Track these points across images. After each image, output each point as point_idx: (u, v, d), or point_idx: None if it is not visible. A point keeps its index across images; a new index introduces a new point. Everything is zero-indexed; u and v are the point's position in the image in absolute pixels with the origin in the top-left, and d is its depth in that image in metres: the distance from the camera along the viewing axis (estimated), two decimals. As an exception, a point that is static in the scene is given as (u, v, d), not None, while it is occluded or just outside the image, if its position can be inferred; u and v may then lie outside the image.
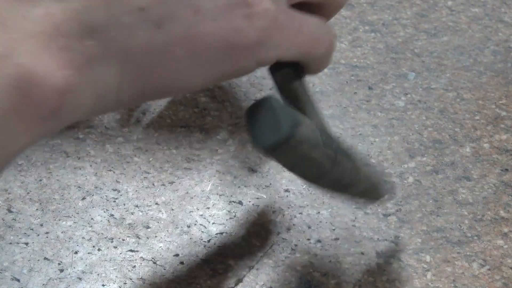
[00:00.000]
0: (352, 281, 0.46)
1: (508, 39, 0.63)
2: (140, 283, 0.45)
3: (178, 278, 0.46)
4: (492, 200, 0.51)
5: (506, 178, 0.52)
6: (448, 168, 0.53)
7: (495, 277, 0.46)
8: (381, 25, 0.64)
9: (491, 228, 0.49)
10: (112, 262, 0.46)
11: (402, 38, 0.63)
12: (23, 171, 0.51)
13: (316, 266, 0.46)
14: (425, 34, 0.63)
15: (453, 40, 0.63)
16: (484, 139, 0.55)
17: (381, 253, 0.48)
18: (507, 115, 0.57)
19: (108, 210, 0.49)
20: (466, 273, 0.47)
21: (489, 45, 0.63)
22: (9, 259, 0.46)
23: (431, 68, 0.60)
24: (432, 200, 0.51)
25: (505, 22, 0.65)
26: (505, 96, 0.59)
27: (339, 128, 0.55)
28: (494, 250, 0.48)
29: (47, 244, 0.47)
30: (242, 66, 0.36)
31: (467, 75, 0.60)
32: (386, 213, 0.50)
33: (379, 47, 0.62)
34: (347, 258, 0.47)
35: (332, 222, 0.49)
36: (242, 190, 0.51)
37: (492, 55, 0.62)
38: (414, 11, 0.66)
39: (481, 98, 0.58)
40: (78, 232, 0.48)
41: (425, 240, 0.48)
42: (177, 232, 0.48)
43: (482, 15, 0.66)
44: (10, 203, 0.49)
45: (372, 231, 0.49)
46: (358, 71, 0.60)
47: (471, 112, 0.57)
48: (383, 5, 0.66)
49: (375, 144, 0.54)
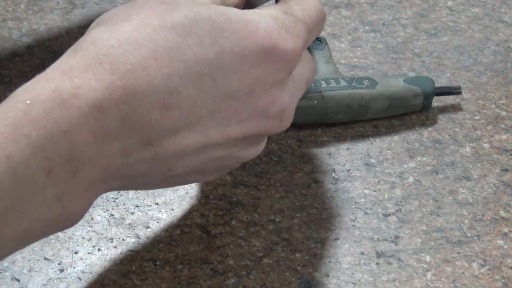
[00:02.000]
0: (352, 281, 0.46)
1: (508, 39, 0.63)
2: (140, 283, 0.45)
3: (178, 278, 0.46)
4: (492, 200, 0.51)
5: (506, 178, 0.52)
6: (448, 168, 0.53)
7: (495, 277, 0.46)
8: (381, 25, 0.64)
9: (491, 228, 0.49)
10: (112, 262, 0.46)
11: (402, 38, 0.63)
12: (23, 171, 0.51)
13: (316, 266, 0.46)
14: (425, 34, 0.63)
15: (453, 40, 0.63)
16: (484, 139, 0.55)
17: (380, 253, 0.48)
18: (507, 115, 0.57)
19: (108, 210, 0.49)
20: (466, 273, 0.47)
21: (489, 45, 0.63)
22: (9, 259, 0.46)
23: (431, 68, 0.60)
24: (432, 200, 0.51)
25: (505, 22, 0.65)
26: (505, 96, 0.58)
27: (339, 128, 0.55)
28: (494, 250, 0.48)
29: (47, 244, 0.47)
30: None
31: (467, 75, 0.60)
32: (386, 213, 0.50)
33: (379, 47, 0.62)
34: (347, 258, 0.47)
35: (332, 222, 0.49)
36: (242, 190, 0.51)
37: (492, 55, 0.62)
38: (414, 11, 0.66)
39: (481, 98, 0.58)
40: (78, 232, 0.48)
41: (425, 240, 0.48)
42: (177, 232, 0.48)
43: (482, 15, 0.66)
44: (10, 203, 0.49)
45: (372, 231, 0.49)
46: (358, 71, 0.60)
47: (471, 112, 0.57)
48: (383, 5, 0.66)
49: (375, 144, 0.54)
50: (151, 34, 0.38)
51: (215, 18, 0.39)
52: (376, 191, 0.51)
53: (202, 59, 0.39)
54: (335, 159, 0.53)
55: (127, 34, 0.38)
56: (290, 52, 0.41)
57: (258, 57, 0.40)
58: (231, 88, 0.40)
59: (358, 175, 0.52)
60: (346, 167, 0.53)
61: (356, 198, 0.51)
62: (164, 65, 0.38)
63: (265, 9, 0.42)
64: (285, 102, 0.43)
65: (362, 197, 0.51)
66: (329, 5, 0.66)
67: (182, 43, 0.38)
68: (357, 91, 0.54)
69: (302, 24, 0.42)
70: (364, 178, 0.52)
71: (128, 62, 0.37)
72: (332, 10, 0.65)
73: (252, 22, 0.40)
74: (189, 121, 0.39)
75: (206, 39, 0.39)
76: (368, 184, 0.52)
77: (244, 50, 0.39)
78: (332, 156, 0.53)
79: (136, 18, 0.39)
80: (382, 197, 0.51)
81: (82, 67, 0.36)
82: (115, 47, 0.37)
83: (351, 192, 0.51)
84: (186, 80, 0.38)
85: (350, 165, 0.53)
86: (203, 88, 0.39)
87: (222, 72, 0.39)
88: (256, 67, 0.40)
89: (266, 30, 0.40)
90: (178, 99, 0.38)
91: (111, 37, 0.38)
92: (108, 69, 0.36)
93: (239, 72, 0.40)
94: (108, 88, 0.36)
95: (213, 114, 0.40)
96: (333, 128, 0.55)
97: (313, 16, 0.44)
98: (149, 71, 0.37)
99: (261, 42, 0.40)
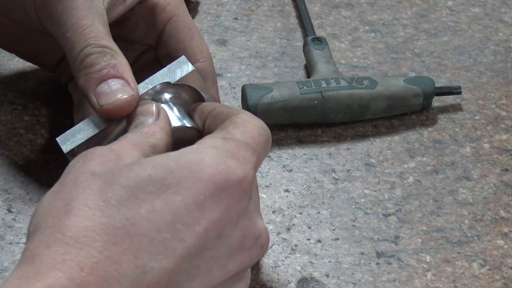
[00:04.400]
0: (352, 281, 0.46)
1: (508, 39, 0.63)
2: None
3: (178, 278, 0.46)
4: (492, 200, 0.51)
5: (506, 178, 0.52)
6: (448, 168, 0.53)
7: (495, 277, 0.46)
8: (381, 25, 0.64)
9: (491, 228, 0.49)
10: (112, 262, 0.46)
11: (402, 38, 0.63)
12: (23, 171, 0.51)
13: (316, 266, 0.46)
14: (425, 34, 0.63)
15: (453, 40, 0.63)
16: (484, 139, 0.55)
17: (381, 253, 0.48)
18: (507, 115, 0.57)
19: (108, 210, 0.49)
20: (466, 273, 0.47)
21: (489, 45, 0.63)
22: (9, 259, 0.46)
23: (431, 68, 0.60)
24: (432, 200, 0.51)
25: (505, 22, 0.65)
26: (505, 96, 0.59)
27: (339, 128, 0.55)
28: (494, 250, 0.48)
29: (47, 244, 0.47)
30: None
31: (467, 75, 0.60)
32: (386, 213, 0.50)
33: (379, 47, 0.62)
34: (347, 258, 0.47)
35: (332, 222, 0.49)
36: (242, 190, 0.51)
37: (492, 55, 0.62)
38: (414, 11, 0.66)
39: (481, 98, 0.58)
40: (78, 232, 0.48)
41: (425, 240, 0.48)
42: (177, 232, 0.48)
43: (482, 15, 0.66)
44: (10, 203, 0.49)
45: (372, 231, 0.49)
46: (358, 71, 0.60)
47: (471, 112, 0.57)
48: (383, 5, 0.66)
49: (375, 144, 0.54)
50: (100, 218, 0.35)
51: (155, 176, 0.36)
52: (376, 191, 0.51)
53: (162, 225, 0.36)
54: (335, 159, 0.53)
55: (77, 228, 0.35)
56: (242, 179, 0.37)
57: (215, 197, 0.37)
58: (201, 241, 0.36)
59: (358, 175, 0.52)
60: (346, 167, 0.53)
61: (356, 198, 0.51)
62: (126, 246, 0.35)
63: (202, 142, 0.39)
64: (258, 227, 0.40)
65: (362, 197, 0.51)
66: (329, 5, 0.66)
67: (135, 216, 0.35)
68: (357, 91, 0.54)
69: (245, 147, 0.39)
70: (364, 178, 0.52)
71: (91, 255, 0.34)
72: (332, 10, 0.65)
73: (194, 163, 0.37)
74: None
75: (156, 203, 0.36)
76: (368, 184, 0.52)
77: (198, 197, 0.36)
78: (332, 156, 0.53)
79: (77, 206, 0.36)
80: (382, 197, 0.51)
81: (47, 268, 0.34)
82: (70, 244, 0.35)
83: (351, 192, 0.51)
84: (154, 253, 0.35)
85: (350, 165, 0.53)
86: (174, 253, 0.36)
87: (187, 229, 0.36)
88: (216, 208, 0.37)
89: (211, 165, 0.37)
90: (154, 275, 0.35)
91: (62, 235, 0.35)
92: (74, 267, 0.34)
93: (203, 222, 0.36)
94: (80, 285, 0.34)
95: (192, 274, 0.37)
96: (333, 128, 0.55)
97: (255, 136, 0.40)
98: (114, 259, 0.35)
99: (212, 180, 0.37)
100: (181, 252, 0.36)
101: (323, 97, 0.54)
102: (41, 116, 0.54)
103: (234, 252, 0.38)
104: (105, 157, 0.38)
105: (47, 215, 0.36)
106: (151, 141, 0.40)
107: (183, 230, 0.36)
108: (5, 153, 0.52)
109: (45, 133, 0.53)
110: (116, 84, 0.42)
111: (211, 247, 0.37)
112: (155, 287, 0.35)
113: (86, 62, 0.43)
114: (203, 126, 0.43)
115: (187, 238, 0.36)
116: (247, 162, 0.38)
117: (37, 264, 0.34)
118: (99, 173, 0.37)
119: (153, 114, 0.42)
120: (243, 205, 0.38)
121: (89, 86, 0.43)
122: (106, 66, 0.43)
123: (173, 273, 0.36)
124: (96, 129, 0.42)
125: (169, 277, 0.36)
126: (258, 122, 0.41)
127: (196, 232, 0.36)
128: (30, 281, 0.33)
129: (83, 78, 0.43)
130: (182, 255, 0.36)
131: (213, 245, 0.37)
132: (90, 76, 0.43)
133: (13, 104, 0.55)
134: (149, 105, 0.42)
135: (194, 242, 0.36)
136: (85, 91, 0.43)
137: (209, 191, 0.37)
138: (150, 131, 0.40)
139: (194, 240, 0.36)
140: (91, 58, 0.43)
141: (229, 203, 0.37)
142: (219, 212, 0.37)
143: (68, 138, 0.42)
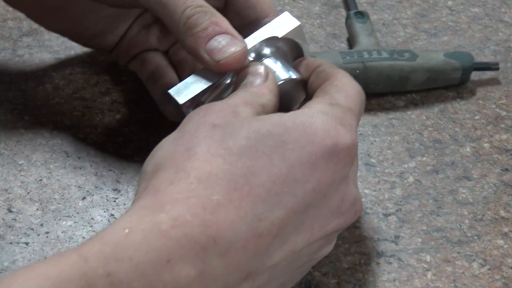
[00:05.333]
0: (352, 281, 0.46)
1: (508, 39, 0.63)
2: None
3: (178, 278, 0.46)
4: (492, 200, 0.51)
5: (506, 178, 0.52)
6: (448, 168, 0.53)
7: (495, 277, 0.46)
8: (381, 25, 0.64)
9: (491, 228, 0.49)
10: (112, 262, 0.46)
11: (402, 38, 0.63)
12: (23, 171, 0.51)
13: (316, 266, 0.46)
14: (425, 34, 0.63)
15: (453, 40, 0.63)
16: (484, 139, 0.55)
17: (381, 253, 0.48)
18: (507, 115, 0.57)
19: (108, 210, 0.49)
20: (466, 273, 0.47)
21: (489, 45, 0.63)
22: (9, 259, 0.46)
23: (431, 68, 0.60)
24: (432, 200, 0.51)
25: (505, 22, 0.65)
26: (505, 96, 0.59)
27: (339, 128, 0.55)
28: (494, 250, 0.48)
29: (47, 244, 0.47)
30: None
31: (467, 75, 0.60)
32: (386, 213, 0.50)
33: (379, 47, 0.62)
34: (347, 258, 0.47)
35: (332, 222, 0.49)
36: (242, 190, 0.51)
37: (492, 55, 0.62)
38: (414, 11, 0.66)
39: (481, 98, 0.58)
40: (78, 232, 0.48)
41: (425, 240, 0.48)
42: (177, 232, 0.48)
43: (482, 15, 0.66)
44: (10, 203, 0.49)
45: (372, 231, 0.49)
46: (358, 71, 0.60)
47: (471, 112, 0.57)
48: (383, 5, 0.66)
49: (375, 144, 0.54)
50: (222, 164, 0.37)
51: (274, 131, 0.38)
52: (376, 191, 0.51)
53: (278, 178, 0.37)
54: (335, 159, 0.53)
55: (201, 170, 0.37)
56: (350, 145, 0.40)
57: (325, 159, 0.39)
58: (309, 198, 0.38)
59: (358, 175, 0.52)
60: (346, 167, 0.53)
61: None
62: (245, 193, 0.36)
63: (311, 106, 0.41)
64: (354, 193, 0.41)
65: (363, 197, 0.51)
66: (329, 5, 0.66)
67: (255, 166, 0.37)
68: (398, 62, 0.56)
69: (350, 113, 0.41)
70: (364, 177, 0.52)
71: (213, 197, 0.36)
72: (332, 10, 0.65)
73: (307, 125, 0.39)
74: (280, 242, 0.38)
75: (274, 156, 0.38)
76: (368, 184, 0.52)
77: (311, 157, 0.38)
78: (332, 156, 0.53)
79: (200, 152, 0.37)
80: (382, 197, 0.51)
81: (171, 202, 0.35)
82: (195, 183, 0.36)
83: (351, 192, 0.51)
84: (270, 203, 0.37)
85: (350, 165, 0.53)
86: (286, 206, 0.37)
87: (298, 185, 0.38)
88: (325, 170, 0.39)
89: (324, 129, 0.39)
90: (267, 224, 0.37)
91: (187, 175, 0.36)
92: (198, 205, 0.35)
93: (313, 180, 0.38)
94: (203, 223, 0.35)
95: (298, 228, 0.39)
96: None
97: (356, 99, 0.43)
98: (234, 203, 0.36)
99: (323, 143, 0.39)
100: (292, 205, 0.38)
101: (365, 67, 0.55)
102: (41, 116, 0.54)
103: (333, 214, 0.40)
104: (224, 111, 0.39)
105: (169, 158, 0.38)
106: (261, 101, 0.42)
107: (295, 185, 0.38)
108: (5, 153, 0.52)
109: (45, 133, 0.53)
110: (225, 39, 0.44)
111: (315, 206, 0.39)
112: (266, 236, 0.37)
113: (190, 23, 0.44)
114: (307, 80, 0.45)
115: (298, 193, 0.38)
116: (352, 129, 0.41)
117: (161, 197, 0.36)
118: (219, 125, 0.39)
119: (262, 75, 0.43)
120: (346, 171, 0.40)
121: (198, 45, 0.44)
122: (210, 24, 0.44)
123: (283, 225, 0.37)
124: (208, 82, 0.44)
125: (279, 228, 0.37)
126: (356, 85, 0.44)
127: (306, 189, 0.38)
128: (155, 212, 0.35)
129: (190, 39, 0.44)
130: (293, 208, 0.38)
131: (317, 204, 0.39)
132: (198, 35, 0.44)
133: (13, 104, 0.55)
134: (258, 66, 0.44)
135: (303, 198, 0.38)
136: (195, 51, 0.44)
137: (320, 153, 0.39)
138: (260, 92, 0.42)
139: (303, 196, 0.38)
140: (193, 18, 0.44)
141: (336, 167, 0.39)
142: (326, 174, 0.39)
143: (181, 90, 0.44)
